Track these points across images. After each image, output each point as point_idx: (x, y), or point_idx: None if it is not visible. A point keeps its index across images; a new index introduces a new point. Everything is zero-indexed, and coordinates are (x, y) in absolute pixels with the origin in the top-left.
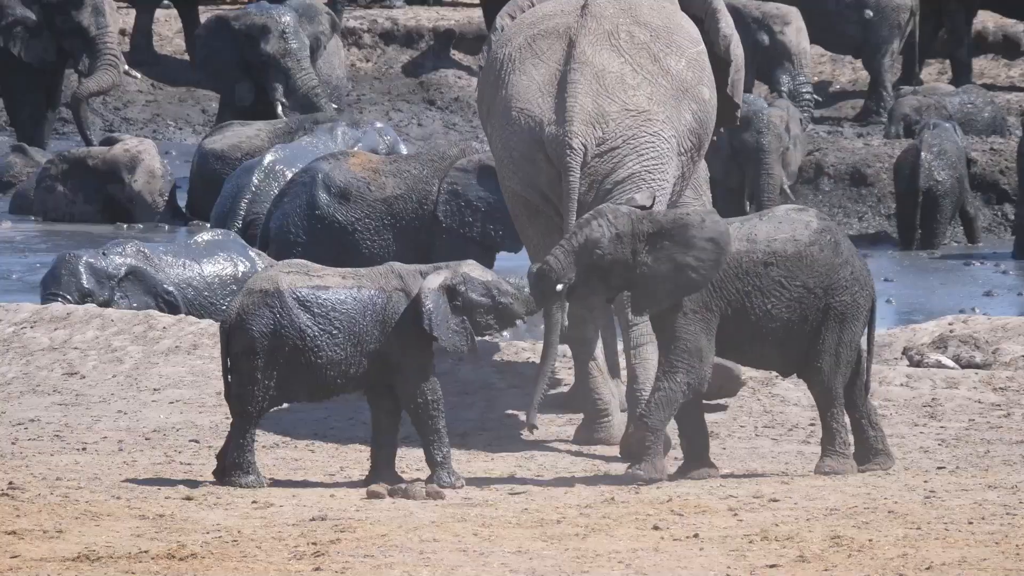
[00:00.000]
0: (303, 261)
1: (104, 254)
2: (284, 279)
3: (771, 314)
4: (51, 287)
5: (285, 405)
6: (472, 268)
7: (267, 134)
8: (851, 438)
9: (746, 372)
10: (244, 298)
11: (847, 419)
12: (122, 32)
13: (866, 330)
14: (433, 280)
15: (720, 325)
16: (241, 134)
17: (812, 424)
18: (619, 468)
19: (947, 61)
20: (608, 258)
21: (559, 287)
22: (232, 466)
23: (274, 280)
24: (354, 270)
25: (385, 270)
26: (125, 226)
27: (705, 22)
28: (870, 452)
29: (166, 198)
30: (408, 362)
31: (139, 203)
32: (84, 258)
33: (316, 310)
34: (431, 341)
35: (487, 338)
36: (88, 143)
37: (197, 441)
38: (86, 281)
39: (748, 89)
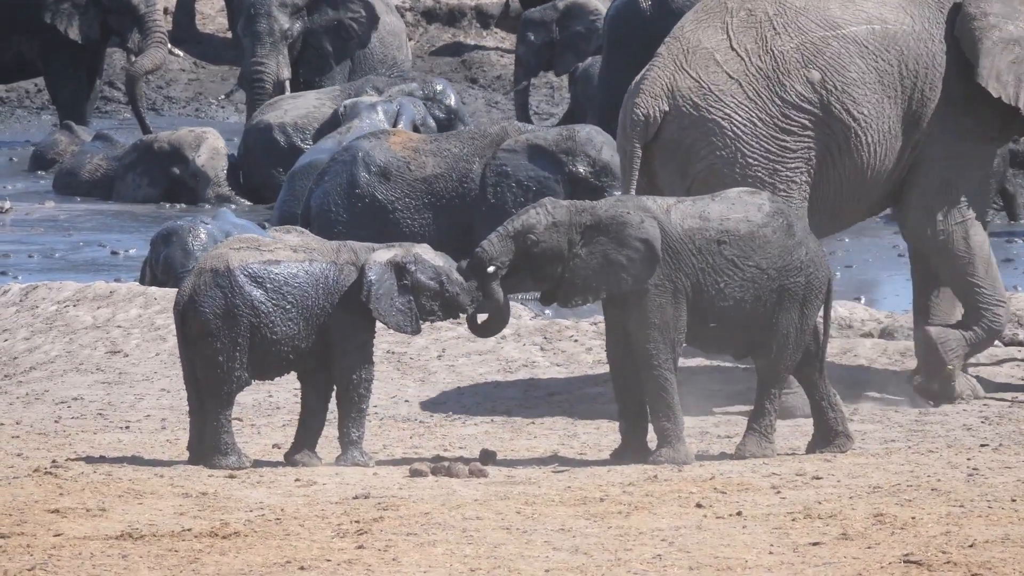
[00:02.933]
0: (253, 236)
1: (204, 223)
2: (234, 256)
3: (724, 293)
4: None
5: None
6: (424, 250)
7: (330, 102)
8: (776, 423)
9: None
10: (195, 278)
11: (779, 405)
12: (165, 11)
13: (822, 310)
14: (381, 255)
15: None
16: (304, 105)
17: (855, 401)
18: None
19: None
20: (542, 245)
21: (491, 269)
22: (211, 449)
23: (224, 258)
24: (306, 244)
25: (338, 244)
26: (168, 205)
27: None
28: (830, 433)
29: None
30: (349, 336)
31: (202, 179)
32: (201, 230)
33: (268, 285)
34: (374, 318)
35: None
36: (141, 120)
37: (240, 419)
38: None
39: None
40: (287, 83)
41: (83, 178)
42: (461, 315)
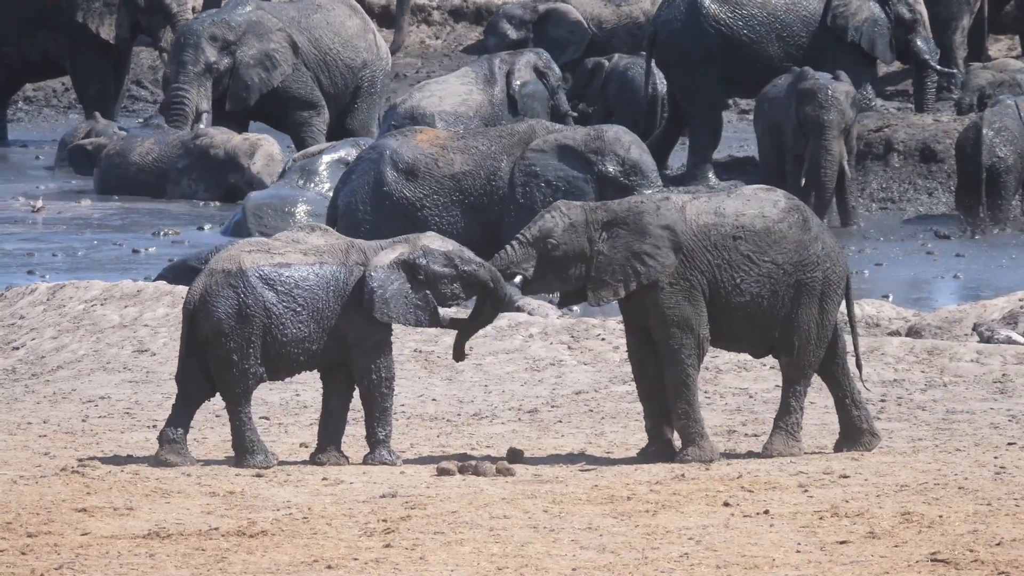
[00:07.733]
0: (263, 239)
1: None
2: (246, 258)
3: (740, 289)
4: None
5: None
6: (431, 239)
7: (473, 86)
8: (802, 421)
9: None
10: (207, 279)
11: (806, 402)
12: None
13: (846, 307)
14: (384, 257)
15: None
16: (455, 92)
17: (882, 400)
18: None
19: (1016, 37)
20: (563, 248)
21: (517, 280)
22: (237, 448)
23: (236, 259)
24: (316, 246)
25: (347, 245)
26: (200, 203)
27: None
28: (855, 432)
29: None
30: (365, 337)
31: (258, 185)
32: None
33: (280, 288)
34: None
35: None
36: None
37: (267, 418)
38: None
39: (890, 61)
40: (205, 115)
41: (132, 160)
42: (484, 289)
